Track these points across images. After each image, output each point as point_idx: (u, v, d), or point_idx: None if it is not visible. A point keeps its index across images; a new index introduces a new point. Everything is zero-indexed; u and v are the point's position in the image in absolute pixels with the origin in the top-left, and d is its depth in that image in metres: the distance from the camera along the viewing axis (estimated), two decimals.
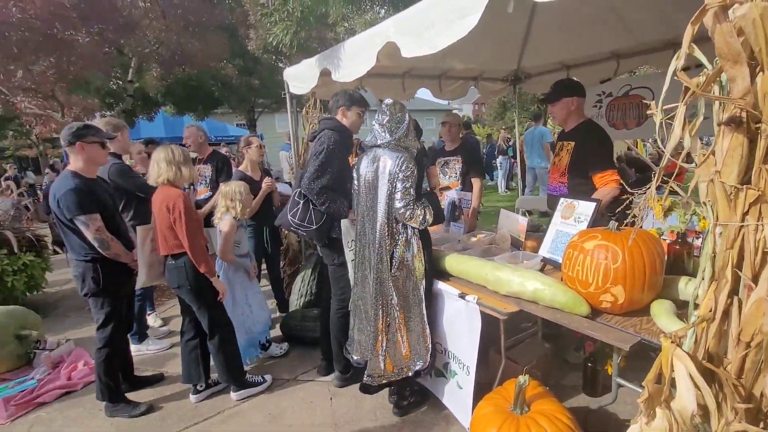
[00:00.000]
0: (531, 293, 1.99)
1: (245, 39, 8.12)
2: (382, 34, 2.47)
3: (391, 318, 2.34)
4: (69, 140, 2.57)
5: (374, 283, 2.32)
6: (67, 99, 5.78)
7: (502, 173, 12.27)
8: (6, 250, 4.29)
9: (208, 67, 8.77)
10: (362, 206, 2.42)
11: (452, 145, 3.75)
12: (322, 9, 3.69)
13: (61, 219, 2.57)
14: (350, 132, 2.83)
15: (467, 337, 2.29)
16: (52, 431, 2.67)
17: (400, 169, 2.22)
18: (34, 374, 3.25)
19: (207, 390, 2.90)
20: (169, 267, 2.66)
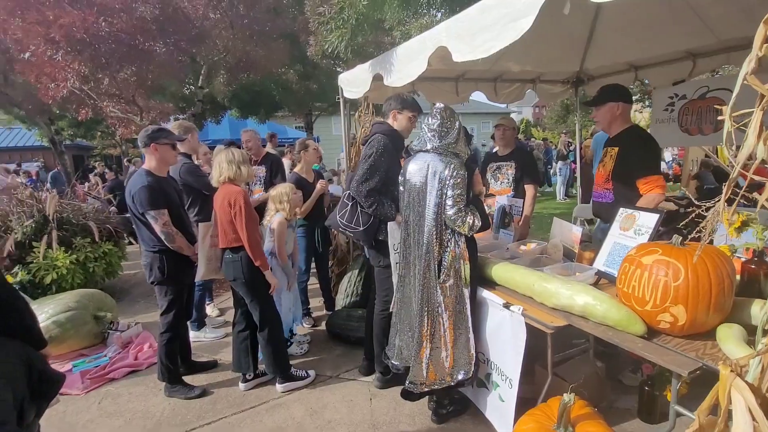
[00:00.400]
0: (581, 308, 1.89)
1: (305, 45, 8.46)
2: (434, 38, 2.48)
3: (436, 325, 2.33)
4: (144, 142, 2.85)
5: (420, 290, 2.32)
6: (146, 104, 6.38)
7: (562, 179, 11.72)
8: (90, 239, 4.79)
9: (270, 72, 9.25)
10: (408, 211, 2.43)
11: (506, 150, 3.66)
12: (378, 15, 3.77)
13: (134, 213, 2.84)
14: (401, 136, 2.86)
15: (511, 349, 2.22)
16: (118, 405, 2.94)
17: (451, 175, 2.22)
18: (106, 352, 3.61)
19: (255, 379, 3.05)
20: (226, 260, 2.84)
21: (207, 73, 8.54)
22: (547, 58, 4.17)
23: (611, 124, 2.67)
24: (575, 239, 2.71)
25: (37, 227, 4.53)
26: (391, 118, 2.83)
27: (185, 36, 6.13)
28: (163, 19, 5.76)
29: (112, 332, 3.82)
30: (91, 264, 4.72)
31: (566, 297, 1.96)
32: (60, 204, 4.82)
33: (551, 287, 2.04)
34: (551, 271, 2.28)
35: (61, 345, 3.58)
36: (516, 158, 3.55)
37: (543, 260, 2.73)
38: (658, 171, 2.51)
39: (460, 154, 2.34)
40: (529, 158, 3.74)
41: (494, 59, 3.81)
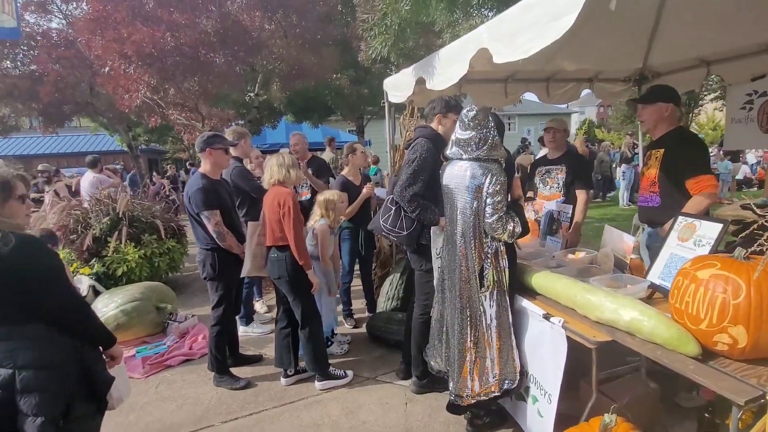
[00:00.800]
0: (626, 323, 1.77)
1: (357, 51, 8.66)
2: (476, 40, 2.44)
3: (479, 336, 2.27)
4: (201, 147, 3.07)
5: (460, 299, 2.28)
6: (208, 111, 6.86)
7: (625, 184, 10.98)
8: (156, 236, 5.22)
9: (323, 78, 9.57)
10: (447, 218, 2.41)
11: (556, 153, 3.50)
12: (424, 19, 3.77)
13: (190, 212, 3.06)
14: (445, 140, 2.84)
15: (551, 363, 2.12)
16: (172, 390, 3.18)
17: (490, 182, 2.17)
18: (165, 341, 3.91)
19: (295, 375, 3.16)
20: (272, 259, 2.98)
21: (263, 81, 9.00)
22: (606, 54, 3.94)
23: (657, 125, 2.56)
24: (627, 249, 2.53)
25: (111, 224, 5.01)
26: (435, 122, 2.82)
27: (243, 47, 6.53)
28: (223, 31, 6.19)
29: (171, 323, 4.13)
30: (156, 259, 5.14)
31: (611, 311, 1.84)
32: (131, 203, 5.29)
33: (594, 299, 1.92)
34: (599, 283, 2.15)
35: (127, 332, 3.93)
36: (567, 162, 3.39)
37: (592, 270, 2.58)
38: (708, 170, 2.39)
39: (499, 159, 2.28)
40: (580, 162, 3.55)
41: (547, 58, 3.66)
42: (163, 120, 7.15)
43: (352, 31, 8.71)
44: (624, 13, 3.11)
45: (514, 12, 2.06)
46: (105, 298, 4.05)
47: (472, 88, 4.38)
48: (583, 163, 3.64)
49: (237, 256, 3.13)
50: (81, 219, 5.02)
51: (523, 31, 1.97)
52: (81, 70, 10.06)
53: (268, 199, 2.99)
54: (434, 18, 4.74)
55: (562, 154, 3.48)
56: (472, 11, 5.33)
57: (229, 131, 3.85)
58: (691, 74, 4.07)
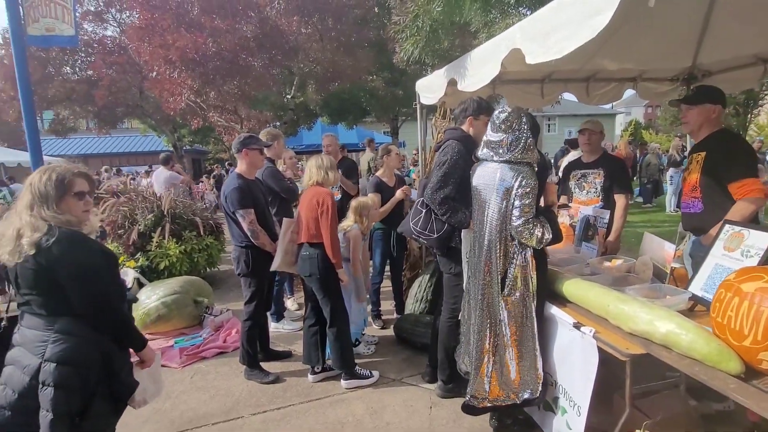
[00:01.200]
0: (662, 336, 1.68)
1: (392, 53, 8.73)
2: (508, 40, 2.40)
3: (498, 340, 2.24)
4: (237, 148, 3.20)
5: (482, 302, 2.26)
6: (247, 113, 7.14)
7: (673, 189, 10.38)
8: (196, 233, 5.47)
9: (357, 80, 9.71)
10: (476, 220, 2.38)
11: (591, 156, 3.37)
12: (458, 19, 3.75)
13: (226, 211, 3.19)
14: (475, 142, 2.81)
15: (581, 374, 2.05)
16: (206, 381, 3.32)
17: (519, 184, 2.12)
18: (202, 333, 4.09)
19: (323, 373, 3.22)
20: (303, 257, 3.04)
21: (299, 83, 9.24)
22: (651, 53, 3.74)
23: (701, 127, 2.43)
24: (667, 257, 2.40)
25: (155, 220, 5.30)
26: (467, 124, 2.79)
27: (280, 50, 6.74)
28: (262, 36, 6.42)
29: (207, 316, 4.31)
30: (195, 255, 5.38)
31: (645, 322, 1.75)
32: (174, 201, 5.57)
33: (628, 310, 1.84)
34: (636, 292, 2.06)
35: (167, 323, 4.14)
36: (604, 165, 3.25)
37: (629, 279, 2.47)
38: (753, 173, 2.23)
39: (531, 162, 2.23)
40: (618, 164, 3.40)
41: (586, 57, 3.54)
42: (205, 122, 7.50)
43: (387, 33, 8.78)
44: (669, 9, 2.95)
45: (547, 11, 2.02)
46: (148, 290, 4.28)
47: (507, 89, 4.30)
48: (621, 166, 3.48)
49: (270, 254, 3.23)
50: (128, 215, 5.34)
51: (556, 31, 1.92)
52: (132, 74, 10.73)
53: (306, 198, 3.07)
54: (469, 18, 4.69)
55: (599, 157, 3.35)
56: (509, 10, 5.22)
57: (263, 133, 3.97)
58: (746, 72, 3.81)
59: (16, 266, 1.62)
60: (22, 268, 1.62)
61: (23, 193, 1.68)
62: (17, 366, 1.63)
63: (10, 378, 1.64)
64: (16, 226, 1.62)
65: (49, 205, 1.64)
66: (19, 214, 1.64)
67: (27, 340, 1.65)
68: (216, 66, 6.13)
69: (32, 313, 1.66)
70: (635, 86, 4.44)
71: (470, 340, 2.43)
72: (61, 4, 5.53)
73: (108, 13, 11.43)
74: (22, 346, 1.65)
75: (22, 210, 1.64)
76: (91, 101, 11.01)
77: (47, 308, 1.64)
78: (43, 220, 1.62)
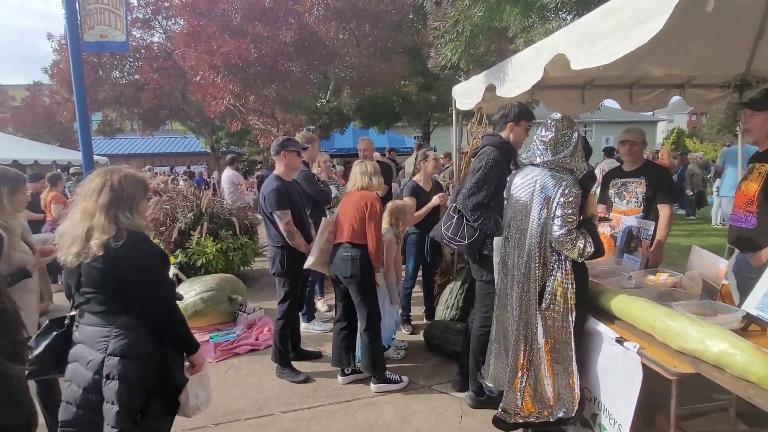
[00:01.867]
0: (715, 356, 1.60)
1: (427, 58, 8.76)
2: (551, 46, 2.37)
3: (533, 355, 2.18)
4: (276, 150, 3.29)
5: (518, 316, 2.20)
6: (283, 117, 7.33)
7: (719, 201, 9.85)
8: (232, 232, 5.64)
9: (391, 85, 9.79)
10: (509, 229, 2.34)
11: (633, 165, 3.26)
12: (497, 24, 3.72)
13: (264, 211, 3.28)
14: (513, 148, 2.78)
15: (623, 391, 1.98)
16: (239, 377, 3.41)
17: (562, 193, 2.06)
18: (235, 330, 4.21)
19: (352, 375, 3.24)
20: (344, 258, 3.04)
21: (334, 87, 9.41)
22: (700, 58, 3.59)
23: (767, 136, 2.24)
24: (720, 274, 2.29)
25: (194, 219, 5.51)
26: (507, 131, 2.75)
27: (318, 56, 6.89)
28: (300, 42, 6.59)
29: (241, 313, 4.43)
30: (231, 253, 5.55)
31: (696, 340, 1.67)
32: (212, 201, 5.78)
33: (677, 327, 1.76)
34: (683, 309, 1.97)
35: (203, 318, 4.29)
36: (646, 174, 3.13)
37: (675, 294, 2.36)
38: None
39: (575, 171, 2.17)
40: (661, 173, 3.26)
41: (631, 63, 3.43)
42: (244, 125, 7.75)
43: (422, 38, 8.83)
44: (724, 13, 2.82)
45: (594, 16, 1.97)
46: (186, 286, 4.45)
47: (546, 95, 4.22)
48: (665, 174, 3.32)
49: (304, 254, 3.28)
50: (169, 213, 5.57)
51: (604, 36, 1.88)
52: (176, 79, 11.24)
53: (352, 199, 3.11)
54: (508, 23, 4.64)
55: (641, 165, 3.23)
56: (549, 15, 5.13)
57: (298, 136, 4.06)
58: None
59: (80, 266, 1.68)
60: (89, 268, 1.66)
61: (94, 193, 1.68)
62: (81, 362, 1.70)
63: (74, 374, 1.71)
64: (86, 226, 1.64)
65: (131, 207, 1.69)
66: (89, 214, 1.66)
67: (88, 336, 1.71)
68: (257, 71, 6.36)
69: (92, 312, 1.72)
70: (682, 93, 4.26)
71: (502, 353, 2.39)
72: (115, 12, 5.88)
73: (155, 20, 12.06)
74: (84, 343, 1.72)
75: (95, 210, 1.66)
76: (138, 104, 11.63)
77: (109, 306, 1.69)
78: (114, 223, 1.65)
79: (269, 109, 7.08)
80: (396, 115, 13.64)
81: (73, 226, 1.68)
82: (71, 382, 1.72)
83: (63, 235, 1.71)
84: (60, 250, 1.71)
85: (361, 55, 7.62)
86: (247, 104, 7.03)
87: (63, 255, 1.69)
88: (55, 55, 12.62)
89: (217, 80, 6.45)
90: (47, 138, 18.47)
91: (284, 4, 6.72)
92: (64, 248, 1.68)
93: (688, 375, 1.69)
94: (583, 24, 2.07)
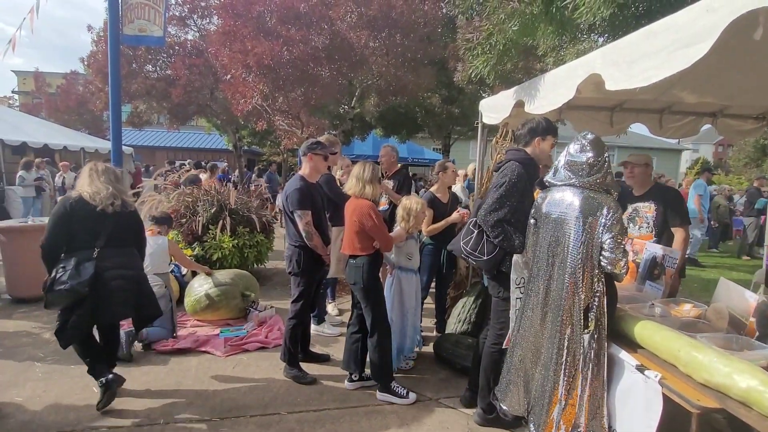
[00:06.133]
0: (742, 391, 1.55)
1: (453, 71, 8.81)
2: (587, 65, 2.36)
3: (574, 380, 2.12)
4: (303, 151, 3.35)
5: (557, 340, 2.15)
6: (307, 119, 7.43)
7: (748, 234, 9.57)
8: (249, 229, 5.71)
9: (417, 96, 9.84)
10: (539, 249, 2.30)
11: (641, 190, 3.22)
12: (530, 41, 3.72)
13: (286, 210, 3.31)
14: (537, 164, 2.76)
15: (641, 422, 1.93)
16: (247, 373, 3.43)
17: (607, 215, 2.07)
18: (246, 326, 4.23)
19: (360, 381, 3.23)
20: (350, 265, 3.10)
21: (360, 95, 9.50)
22: (736, 87, 3.51)
23: None
24: (749, 309, 2.21)
25: (215, 214, 5.59)
26: (533, 146, 2.72)
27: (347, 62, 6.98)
28: (332, 48, 6.70)
29: (252, 310, 4.46)
30: (246, 250, 5.61)
31: (723, 374, 1.62)
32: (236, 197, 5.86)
33: (703, 359, 1.72)
34: (709, 341, 1.91)
35: (216, 312, 4.33)
36: (655, 197, 3.07)
37: (699, 326, 2.30)
38: None
39: (612, 191, 2.16)
40: (671, 196, 3.21)
41: (664, 88, 3.39)
42: (269, 125, 7.87)
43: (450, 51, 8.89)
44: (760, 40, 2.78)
45: (636, 38, 1.97)
46: (201, 279, 4.50)
47: (574, 115, 4.19)
48: (675, 196, 3.26)
49: (320, 256, 3.30)
50: (190, 206, 5.67)
51: (645, 58, 1.87)
52: (206, 76, 11.50)
53: (348, 209, 3.13)
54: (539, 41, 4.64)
55: (649, 189, 3.18)
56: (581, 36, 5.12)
57: (321, 139, 4.10)
58: None
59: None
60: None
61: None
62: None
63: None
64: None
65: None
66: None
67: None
68: (287, 73, 6.47)
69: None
70: (714, 122, 4.18)
71: (529, 378, 2.33)
72: (154, 8, 6.09)
73: (191, 18, 12.39)
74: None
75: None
76: (167, 98, 11.90)
77: (129, 242, 2.97)
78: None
79: (296, 111, 7.19)
80: (418, 125, 13.67)
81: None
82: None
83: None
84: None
85: (390, 64, 7.70)
86: (274, 105, 7.14)
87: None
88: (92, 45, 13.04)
89: (248, 79, 6.58)
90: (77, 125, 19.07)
91: (318, 9, 6.85)
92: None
93: (711, 409, 1.64)
94: (623, 44, 2.06)
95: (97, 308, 2.68)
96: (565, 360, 2.12)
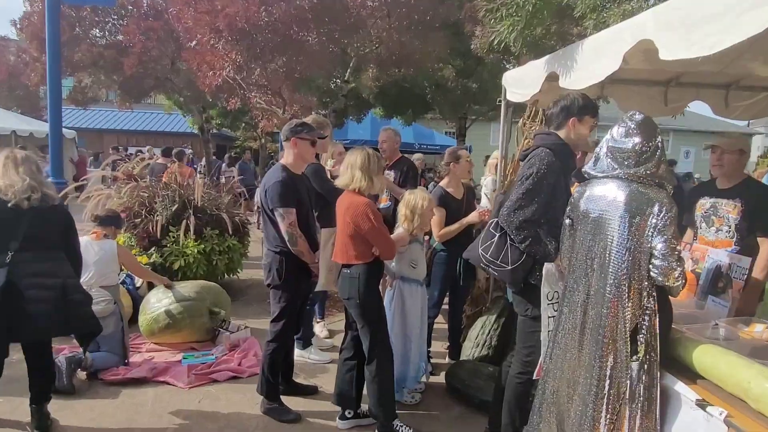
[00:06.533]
0: None
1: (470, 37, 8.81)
2: (636, 29, 2.39)
3: (620, 416, 2.09)
4: (286, 135, 3.36)
5: (600, 367, 2.14)
6: (290, 96, 7.45)
7: None
8: (218, 231, 5.71)
9: (425, 67, 9.84)
10: (578, 254, 2.30)
11: (728, 183, 3.16)
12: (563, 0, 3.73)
13: (265, 208, 3.32)
14: (572, 152, 2.76)
15: None
16: (215, 408, 3.44)
17: (659, 214, 2.04)
18: (214, 351, 4.25)
19: (354, 419, 3.24)
20: (344, 275, 3.10)
21: (356, 66, 9.50)
22: None
23: None
24: None
25: (176, 212, 5.59)
26: (567, 128, 2.71)
27: (340, 26, 6.99)
28: (321, 8, 6.71)
29: (222, 331, 4.47)
30: (215, 257, 5.62)
31: None
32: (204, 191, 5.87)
33: None
34: None
35: (177, 333, 4.35)
36: (744, 195, 3.04)
37: None
38: None
39: (666, 184, 2.15)
40: (765, 196, 3.17)
41: (731, 57, 3.40)
42: (243, 103, 7.89)
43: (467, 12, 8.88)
44: None
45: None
46: (159, 293, 4.50)
47: (619, 91, 4.22)
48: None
49: (306, 264, 3.30)
50: (146, 203, 5.67)
51: (706, 21, 1.88)
52: (166, 43, 11.50)
53: (341, 208, 3.12)
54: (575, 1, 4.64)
55: (738, 183, 3.12)
56: None
57: (308, 119, 4.04)
58: None
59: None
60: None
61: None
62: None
63: None
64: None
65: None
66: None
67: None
68: (266, 38, 6.47)
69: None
70: None
71: (563, 417, 2.33)
72: None
73: None
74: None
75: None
76: (118, 70, 11.89)
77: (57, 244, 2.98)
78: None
79: (276, 85, 7.19)
80: (426, 104, 13.65)
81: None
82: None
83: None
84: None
85: (392, 28, 7.68)
86: (249, 78, 7.14)
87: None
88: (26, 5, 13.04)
89: (218, 47, 6.58)
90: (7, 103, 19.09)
91: None
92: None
93: None
94: (680, 4, 2.07)
95: (12, 325, 2.68)
96: (607, 393, 2.11)
